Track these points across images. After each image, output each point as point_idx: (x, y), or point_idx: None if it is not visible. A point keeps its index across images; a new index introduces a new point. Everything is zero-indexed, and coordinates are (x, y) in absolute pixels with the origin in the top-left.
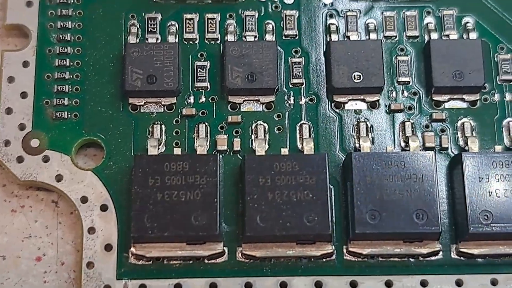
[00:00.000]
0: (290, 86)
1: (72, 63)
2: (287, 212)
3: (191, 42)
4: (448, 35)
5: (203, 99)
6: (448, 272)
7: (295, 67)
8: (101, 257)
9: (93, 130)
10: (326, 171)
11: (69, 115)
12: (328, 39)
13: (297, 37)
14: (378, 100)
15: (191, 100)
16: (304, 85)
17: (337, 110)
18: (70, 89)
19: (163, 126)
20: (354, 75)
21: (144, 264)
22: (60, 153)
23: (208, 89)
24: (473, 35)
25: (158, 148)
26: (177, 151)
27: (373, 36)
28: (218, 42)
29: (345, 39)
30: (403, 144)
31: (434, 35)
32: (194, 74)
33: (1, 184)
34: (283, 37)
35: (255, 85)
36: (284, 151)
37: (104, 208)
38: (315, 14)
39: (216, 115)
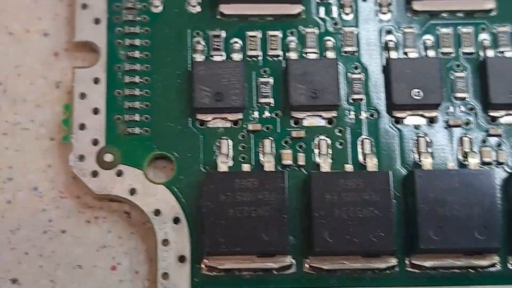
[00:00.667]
0: (351, 101)
1: (141, 80)
2: (354, 228)
3: (254, 59)
4: (502, 52)
5: (267, 114)
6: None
7: (355, 83)
8: (175, 268)
9: (163, 145)
10: (390, 188)
11: (140, 131)
12: (387, 56)
13: (356, 53)
14: (436, 116)
15: (256, 115)
16: (364, 101)
17: (397, 125)
18: (141, 105)
19: (229, 141)
20: (414, 92)
21: (217, 275)
22: (133, 167)
23: (272, 105)
24: None
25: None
26: (245, 166)
27: (430, 53)
28: (281, 58)
29: (404, 55)
30: (461, 158)
31: (490, 52)
32: (258, 90)
33: (75, 195)
34: (342, 54)
35: (318, 102)
36: (348, 167)
37: (176, 221)
38: (373, 31)
39: (281, 130)
